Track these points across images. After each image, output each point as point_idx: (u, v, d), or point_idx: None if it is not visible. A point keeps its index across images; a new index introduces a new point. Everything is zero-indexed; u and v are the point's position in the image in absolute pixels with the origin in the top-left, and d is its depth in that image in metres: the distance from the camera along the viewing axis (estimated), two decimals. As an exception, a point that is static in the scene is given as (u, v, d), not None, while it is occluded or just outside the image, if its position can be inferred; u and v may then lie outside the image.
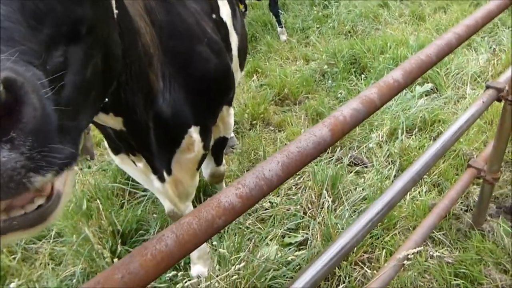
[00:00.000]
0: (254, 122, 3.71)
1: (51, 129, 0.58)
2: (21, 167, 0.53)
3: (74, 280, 2.44)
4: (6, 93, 0.51)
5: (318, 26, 6.07)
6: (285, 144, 3.51)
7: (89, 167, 3.59)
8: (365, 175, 3.10)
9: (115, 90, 1.22)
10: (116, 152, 1.88)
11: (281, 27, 6.00)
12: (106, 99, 1.17)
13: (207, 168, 2.54)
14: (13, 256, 2.74)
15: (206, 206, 0.80)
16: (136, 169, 1.84)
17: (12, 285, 2.40)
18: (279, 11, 6.02)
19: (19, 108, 0.53)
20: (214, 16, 1.97)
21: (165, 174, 1.79)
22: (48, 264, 2.69)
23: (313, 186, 2.87)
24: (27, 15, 0.68)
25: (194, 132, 1.79)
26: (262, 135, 3.74)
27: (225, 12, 2.14)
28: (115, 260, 2.26)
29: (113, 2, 1.08)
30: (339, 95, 4.21)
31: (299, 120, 3.97)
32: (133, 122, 1.46)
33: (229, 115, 2.18)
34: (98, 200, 2.78)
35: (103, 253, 2.18)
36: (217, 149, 2.34)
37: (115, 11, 1.10)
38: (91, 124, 1.38)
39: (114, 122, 1.40)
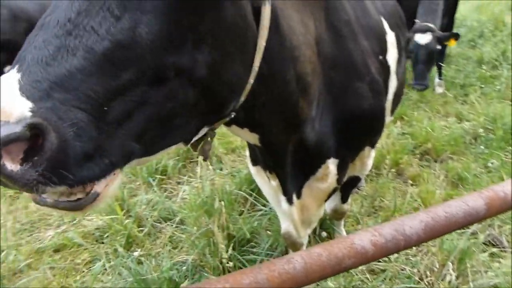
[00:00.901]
0: (391, 170, 3.56)
1: (67, 158, 0.76)
2: (32, 179, 0.74)
3: (184, 268, 2.65)
4: (32, 131, 0.72)
5: (482, 85, 5.59)
6: (416, 200, 3.34)
7: (221, 169, 3.87)
8: (501, 260, 2.73)
9: (249, 109, 1.29)
10: (254, 163, 1.99)
11: (440, 79, 5.70)
12: (235, 114, 1.22)
13: (331, 203, 2.52)
14: (141, 229, 3.10)
15: (339, 244, 0.81)
16: (268, 184, 1.92)
17: (135, 253, 2.71)
18: (442, 63, 5.71)
19: (41, 142, 0.73)
20: (381, 57, 1.94)
21: (294, 197, 1.83)
22: (167, 245, 2.97)
23: (437, 253, 2.63)
24: (107, 64, 0.81)
25: (331, 164, 1.80)
26: (393, 184, 3.57)
27: (392, 56, 2.11)
28: (229, 263, 2.37)
29: (263, 37, 1.15)
30: (490, 164, 3.79)
31: (436, 180, 3.69)
32: (269, 141, 1.54)
33: (369, 157, 2.12)
34: (222, 202, 2.97)
35: (221, 253, 2.30)
36: (347, 187, 2.31)
37: (262, 43, 1.16)
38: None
39: (250, 137, 1.49)
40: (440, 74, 5.69)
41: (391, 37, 2.11)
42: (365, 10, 1.88)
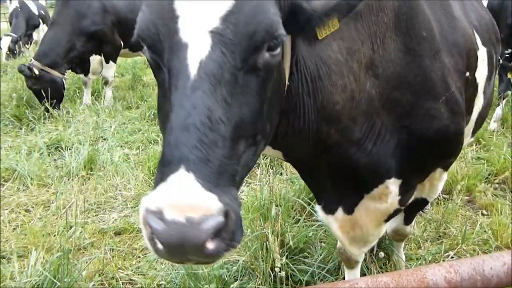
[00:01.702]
0: (462, 195, 3.33)
1: (237, 226, 0.96)
2: (223, 251, 0.93)
3: (235, 268, 2.66)
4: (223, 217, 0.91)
5: None
6: (485, 232, 3.08)
7: (281, 174, 3.86)
8: None
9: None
10: None
11: None
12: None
13: (393, 223, 2.40)
14: (198, 223, 3.16)
15: (409, 275, 0.75)
16: None
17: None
18: None
19: (226, 221, 0.92)
20: (468, 74, 1.83)
21: (341, 210, 1.82)
22: (220, 243, 3.00)
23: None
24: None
25: (392, 184, 1.73)
26: (462, 211, 3.34)
27: (482, 73, 2.00)
28: (282, 273, 2.35)
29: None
30: None
31: (511, 213, 3.39)
32: (294, 158, 1.72)
33: (441, 179, 1.98)
34: (279, 208, 2.95)
35: (274, 261, 2.28)
36: (412, 209, 2.18)
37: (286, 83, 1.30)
38: None
39: (272, 153, 1.63)
40: None
41: (482, 53, 2.00)
42: (454, 24, 1.77)
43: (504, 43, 4.67)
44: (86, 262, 2.73)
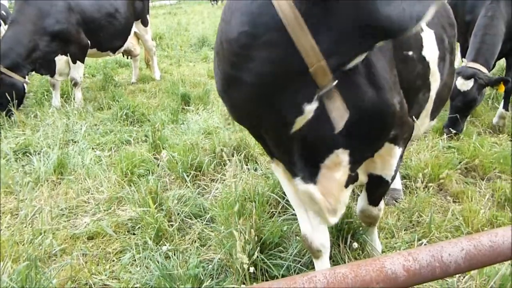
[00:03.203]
0: (430, 184, 3.39)
1: None
2: None
3: (210, 266, 2.63)
4: None
5: (540, 102, 5.22)
6: (457, 218, 3.15)
7: (255, 170, 3.84)
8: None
9: None
10: (271, 156, 2.05)
11: (506, 110, 4.84)
12: None
13: (359, 203, 2.46)
14: (171, 223, 3.12)
15: (367, 266, 0.75)
16: (287, 181, 2.01)
17: (164, 248, 2.73)
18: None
19: None
20: (410, 53, 1.96)
21: (311, 183, 1.88)
22: (195, 242, 2.97)
23: (476, 277, 2.45)
24: None
25: (342, 154, 1.84)
26: (434, 200, 3.40)
27: (431, 53, 2.13)
28: (251, 268, 2.34)
29: None
30: (543, 187, 3.53)
31: (481, 199, 3.47)
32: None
33: (393, 155, 2.06)
34: (253, 203, 2.94)
35: (242, 259, 2.28)
36: (371, 187, 2.27)
37: None
38: None
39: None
40: (505, 104, 4.85)
41: (427, 35, 2.15)
42: None
43: (463, 39, 4.74)
44: (57, 270, 2.65)
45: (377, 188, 2.30)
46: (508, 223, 3.13)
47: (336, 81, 1.51)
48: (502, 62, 5.43)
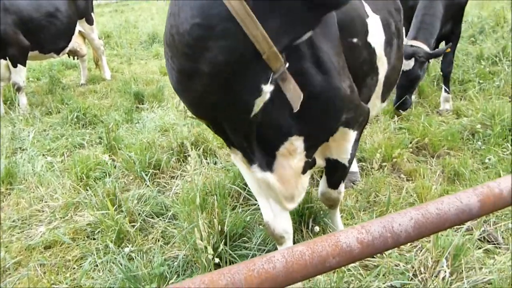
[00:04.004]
0: (384, 164, 3.52)
1: None
2: None
3: (176, 263, 2.60)
4: None
5: (480, 81, 5.54)
6: (411, 195, 3.30)
7: (215, 163, 3.83)
8: (496, 256, 2.69)
9: None
10: (231, 146, 2.04)
11: (448, 93, 5.03)
12: None
13: (320, 186, 2.52)
14: (133, 224, 3.05)
15: (323, 241, 0.77)
16: (246, 170, 1.99)
17: (126, 249, 2.67)
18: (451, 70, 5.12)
19: None
20: (354, 40, 2.02)
21: (268, 171, 1.92)
22: (158, 241, 2.92)
23: (432, 249, 2.59)
24: None
25: (296, 141, 1.88)
26: (389, 180, 3.53)
27: (377, 39, 2.20)
28: (216, 259, 2.34)
29: None
30: (487, 160, 3.75)
31: (433, 175, 3.65)
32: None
33: (347, 140, 2.12)
34: (215, 197, 2.93)
35: (207, 249, 2.28)
36: (329, 171, 2.34)
37: None
38: None
39: None
40: (447, 87, 5.03)
41: (373, 20, 2.20)
42: None
43: (407, 23, 4.95)
44: (12, 283, 2.53)
45: (335, 172, 2.36)
46: (458, 195, 3.31)
47: (288, 64, 1.53)
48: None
